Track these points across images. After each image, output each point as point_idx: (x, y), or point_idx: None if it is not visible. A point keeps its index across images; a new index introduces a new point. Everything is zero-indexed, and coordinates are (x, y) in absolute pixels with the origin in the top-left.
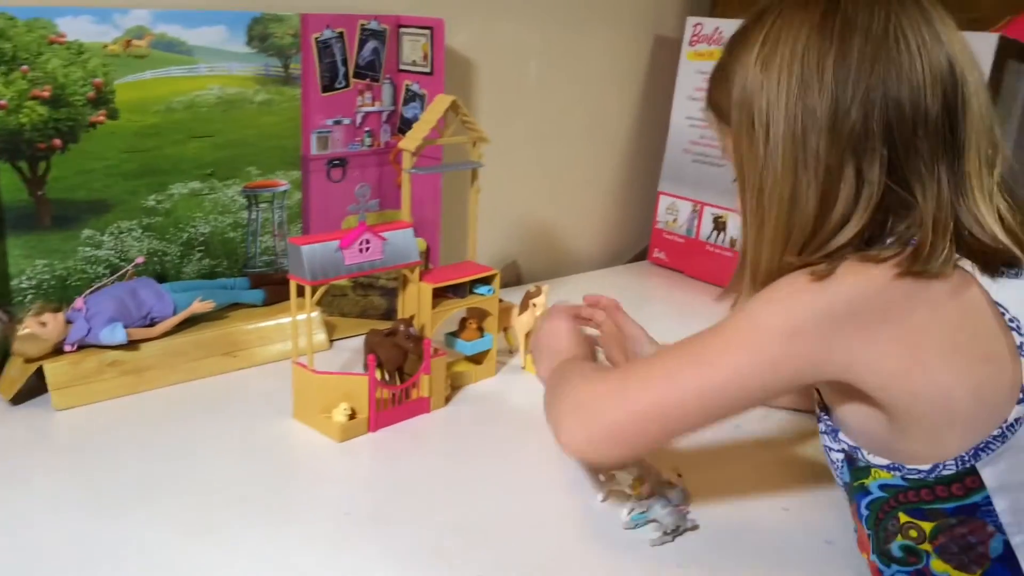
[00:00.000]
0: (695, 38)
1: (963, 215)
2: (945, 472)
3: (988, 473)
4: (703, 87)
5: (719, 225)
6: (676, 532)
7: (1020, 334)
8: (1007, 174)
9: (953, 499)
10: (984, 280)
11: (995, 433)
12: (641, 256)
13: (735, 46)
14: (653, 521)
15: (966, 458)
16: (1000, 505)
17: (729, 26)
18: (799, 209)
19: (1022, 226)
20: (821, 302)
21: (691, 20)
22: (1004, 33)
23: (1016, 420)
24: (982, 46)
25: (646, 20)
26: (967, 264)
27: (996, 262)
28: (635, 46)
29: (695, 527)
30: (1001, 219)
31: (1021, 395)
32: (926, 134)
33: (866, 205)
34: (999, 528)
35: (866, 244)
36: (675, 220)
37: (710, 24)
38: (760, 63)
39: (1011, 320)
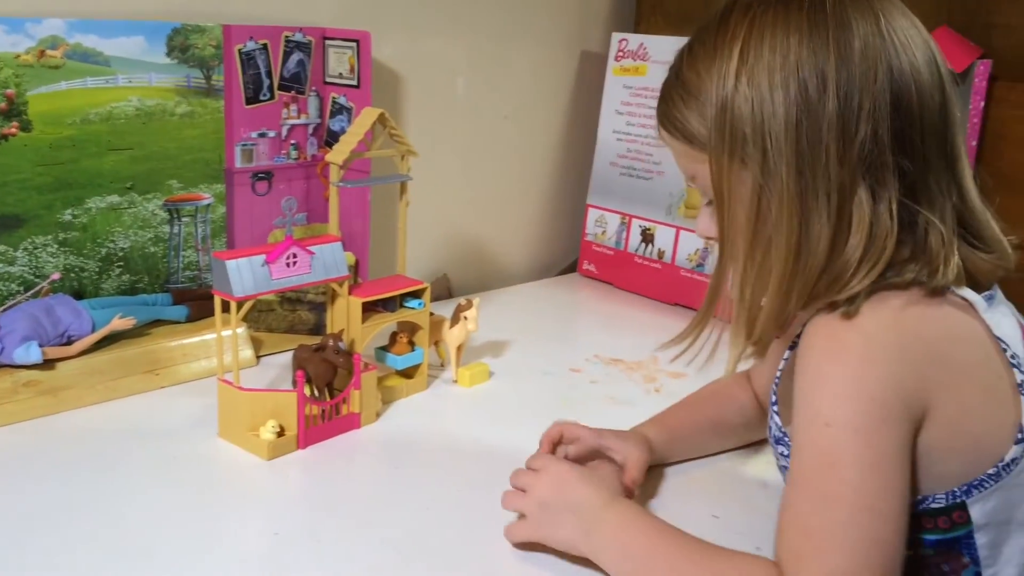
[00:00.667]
0: (620, 53)
1: (968, 220)
2: (934, 505)
3: (977, 510)
4: (629, 102)
5: (647, 237)
6: None
7: (1021, 371)
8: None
9: (938, 531)
10: (984, 312)
11: (990, 471)
12: (571, 268)
13: (699, 59)
14: None
15: (958, 493)
16: (981, 540)
17: (654, 42)
18: (811, 242)
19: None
20: (884, 371)
21: (616, 36)
22: None
23: (1013, 460)
24: None
25: (572, 36)
26: (968, 293)
27: (986, 275)
28: (562, 61)
29: None
30: (988, 221)
31: (1019, 435)
32: (933, 139)
33: (885, 235)
34: (975, 561)
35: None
36: (604, 232)
37: (635, 40)
38: (745, 77)
39: (1012, 356)
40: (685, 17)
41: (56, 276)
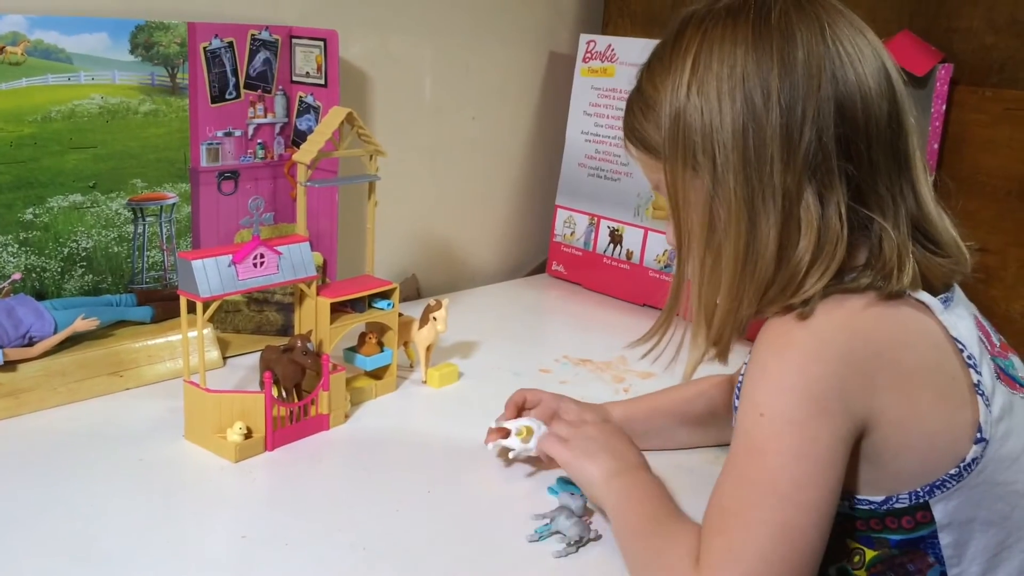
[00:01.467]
0: (588, 55)
1: (923, 225)
2: (897, 505)
3: (940, 509)
4: (597, 103)
5: (615, 238)
6: (580, 543)
7: (977, 371)
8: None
9: (902, 531)
10: (941, 314)
11: (951, 472)
12: (540, 269)
13: (656, 72)
14: (557, 533)
15: (920, 493)
16: (945, 539)
17: (621, 44)
18: (759, 245)
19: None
20: (828, 369)
21: (584, 37)
22: None
23: (973, 460)
24: None
25: (540, 37)
26: (924, 296)
27: (942, 278)
28: (530, 62)
29: (598, 537)
30: (944, 223)
31: (978, 435)
32: (880, 147)
33: (836, 239)
34: (939, 560)
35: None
36: (572, 233)
37: (603, 41)
38: (695, 88)
39: (969, 357)
40: (652, 19)
41: (17, 276)
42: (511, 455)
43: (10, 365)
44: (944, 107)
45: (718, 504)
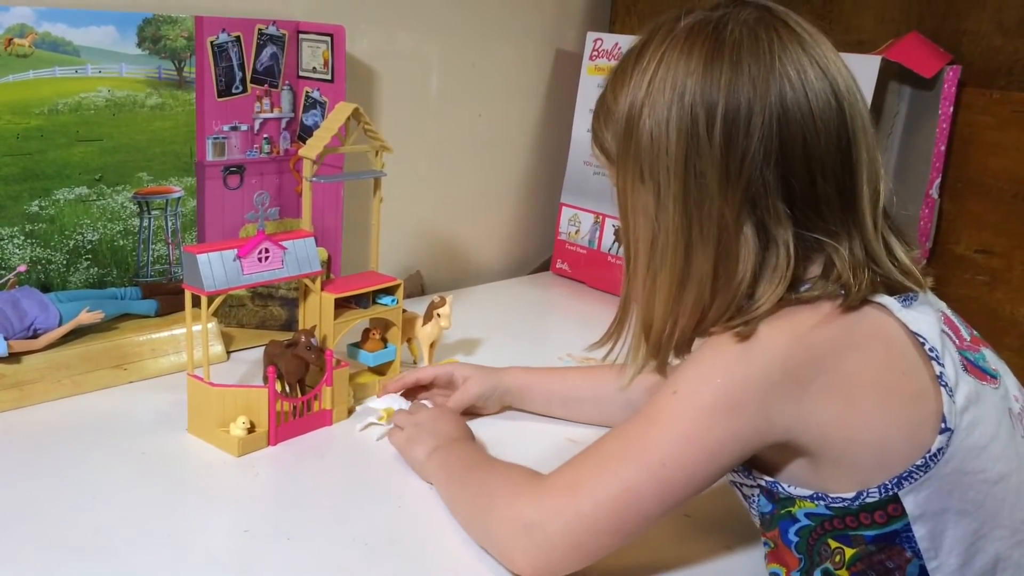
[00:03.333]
0: (595, 53)
1: (871, 249)
2: (868, 500)
3: (910, 501)
4: None
5: (620, 237)
6: None
7: (939, 363)
8: (888, 203)
9: (875, 527)
10: (899, 311)
11: (918, 463)
12: (544, 267)
13: (618, 83)
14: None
15: (889, 486)
16: (919, 532)
17: (628, 42)
18: (694, 274)
19: (913, 260)
20: (756, 372)
21: (591, 35)
22: (886, 55)
23: (939, 450)
24: (865, 68)
25: (547, 35)
26: (882, 298)
27: (901, 290)
28: (536, 60)
29: None
30: (892, 253)
31: (943, 425)
32: (824, 174)
33: (781, 268)
34: (916, 554)
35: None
36: (577, 231)
37: (609, 40)
38: (647, 109)
39: (931, 350)
40: (659, 17)
41: (22, 268)
42: (375, 438)
43: (15, 357)
44: (952, 109)
45: (592, 446)
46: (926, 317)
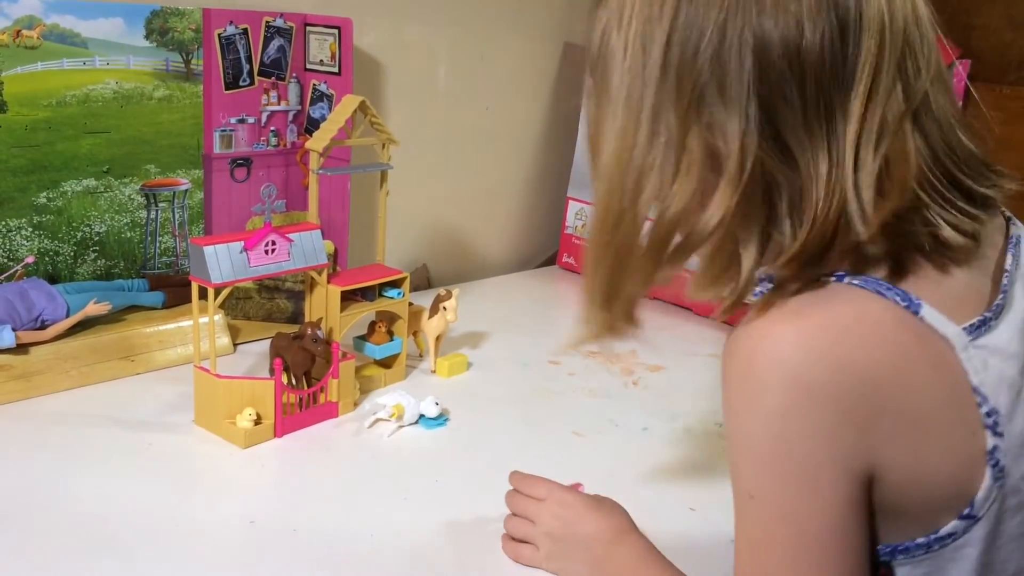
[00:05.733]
0: None
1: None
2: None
3: (903, 572)
4: None
5: None
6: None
7: (996, 434)
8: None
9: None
10: (961, 352)
11: (920, 540)
12: (551, 261)
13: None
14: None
15: (884, 552)
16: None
17: None
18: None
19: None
20: (809, 423)
21: None
22: None
23: (949, 535)
24: None
25: (556, 28)
26: (947, 328)
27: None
28: (545, 53)
29: None
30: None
31: (968, 509)
32: (805, 77)
33: (735, 184)
34: None
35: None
36: (584, 225)
37: None
38: (624, 15)
39: (989, 414)
40: None
41: (30, 259)
42: (387, 435)
43: (22, 348)
44: (961, 104)
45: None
46: (992, 367)
